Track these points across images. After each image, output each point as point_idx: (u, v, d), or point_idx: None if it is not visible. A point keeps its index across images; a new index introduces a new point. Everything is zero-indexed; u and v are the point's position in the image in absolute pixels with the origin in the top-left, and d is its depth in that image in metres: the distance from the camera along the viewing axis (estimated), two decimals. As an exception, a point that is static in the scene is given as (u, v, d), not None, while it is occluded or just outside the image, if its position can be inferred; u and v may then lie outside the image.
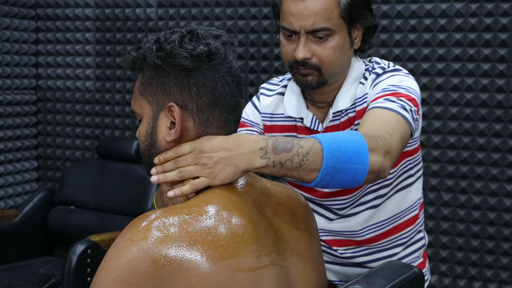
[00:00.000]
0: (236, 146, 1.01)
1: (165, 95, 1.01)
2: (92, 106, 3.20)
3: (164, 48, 0.99)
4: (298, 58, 1.32)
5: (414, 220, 1.51)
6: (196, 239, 0.89)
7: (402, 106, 1.26)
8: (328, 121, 1.40)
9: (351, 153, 1.06)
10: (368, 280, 1.00)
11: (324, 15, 1.29)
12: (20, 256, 2.90)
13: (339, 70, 1.37)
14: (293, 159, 1.02)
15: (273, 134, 1.50)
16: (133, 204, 2.81)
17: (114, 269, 0.86)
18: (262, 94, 1.54)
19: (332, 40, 1.31)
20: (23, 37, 3.18)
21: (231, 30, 2.83)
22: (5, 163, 3.12)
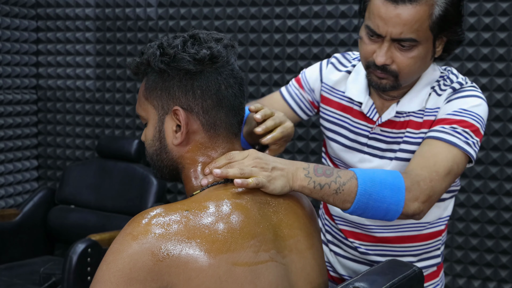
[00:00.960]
0: (285, 161, 1.09)
1: (170, 99, 1.03)
2: (92, 106, 3.20)
3: (168, 52, 1.01)
4: (378, 63, 1.28)
5: (437, 235, 1.48)
6: (195, 233, 0.91)
7: (465, 140, 1.28)
8: (388, 116, 1.38)
9: (385, 193, 1.15)
10: (367, 278, 1.00)
11: (414, 26, 1.24)
12: (20, 255, 2.90)
13: (415, 77, 1.35)
14: (330, 185, 1.11)
15: (329, 108, 1.50)
16: (133, 203, 2.81)
17: (115, 264, 0.88)
18: (331, 64, 1.52)
19: (415, 50, 1.27)
20: (24, 37, 3.17)
21: (231, 30, 2.83)
22: (6, 162, 3.12)
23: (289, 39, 2.73)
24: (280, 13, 2.73)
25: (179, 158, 1.06)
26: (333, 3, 2.65)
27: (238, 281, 0.91)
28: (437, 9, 1.25)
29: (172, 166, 1.07)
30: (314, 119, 2.72)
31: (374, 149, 1.42)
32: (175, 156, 1.06)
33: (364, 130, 1.43)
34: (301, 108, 1.56)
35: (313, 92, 1.54)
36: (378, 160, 1.42)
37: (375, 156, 1.42)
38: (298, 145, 2.77)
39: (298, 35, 2.71)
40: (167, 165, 1.07)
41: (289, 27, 2.72)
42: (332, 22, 2.65)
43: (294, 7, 2.71)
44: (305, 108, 1.56)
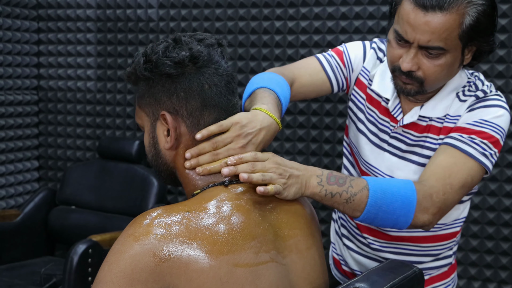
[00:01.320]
0: (302, 168, 1.10)
1: (157, 105, 1.05)
2: (93, 107, 3.20)
3: (150, 59, 1.03)
4: (404, 69, 1.26)
5: (452, 236, 1.48)
6: (196, 234, 0.91)
7: (482, 152, 1.27)
8: (411, 119, 1.36)
9: (396, 206, 1.17)
10: (368, 278, 1.01)
11: (443, 34, 1.21)
12: (21, 256, 2.89)
13: (441, 84, 1.33)
14: (342, 194, 1.13)
15: (362, 94, 1.47)
16: (134, 204, 2.81)
17: (117, 264, 0.89)
18: (373, 50, 1.49)
19: (443, 58, 1.24)
20: (25, 38, 3.18)
21: (231, 31, 2.83)
22: (7, 163, 3.12)
23: (290, 41, 2.73)
24: (281, 15, 2.74)
25: (172, 162, 1.07)
26: (334, 4, 2.65)
27: (239, 282, 0.91)
28: (468, 19, 1.21)
29: (168, 170, 1.09)
30: (314, 120, 2.73)
31: (394, 148, 1.41)
32: (169, 160, 1.07)
33: (387, 127, 1.42)
34: (337, 81, 1.50)
35: (352, 72, 1.50)
36: (396, 160, 1.41)
37: (394, 155, 1.41)
38: (299, 146, 2.77)
39: (299, 36, 2.72)
40: (164, 169, 1.09)
41: (290, 28, 2.72)
42: (333, 23, 2.66)
43: (294, 8, 2.71)
44: (341, 83, 1.51)
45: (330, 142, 2.72)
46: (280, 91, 1.29)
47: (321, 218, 2.76)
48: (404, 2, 1.25)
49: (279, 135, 2.78)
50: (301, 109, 2.74)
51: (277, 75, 1.37)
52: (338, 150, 2.71)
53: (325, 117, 2.71)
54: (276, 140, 2.80)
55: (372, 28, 2.59)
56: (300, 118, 2.75)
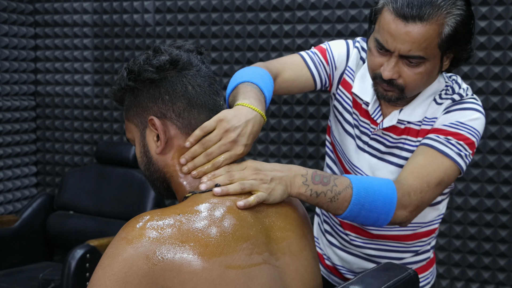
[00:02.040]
0: (284, 169, 1.10)
1: (144, 112, 1.07)
2: (90, 112, 3.20)
3: (133, 69, 1.06)
4: (385, 78, 1.29)
5: (431, 232, 1.52)
6: (188, 237, 0.92)
7: (458, 152, 1.30)
8: (390, 123, 1.40)
9: (377, 204, 1.19)
10: (363, 280, 1.00)
11: (423, 44, 1.24)
12: (19, 261, 2.89)
13: (421, 90, 1.36)
14: (326, 193, 1.14)
15: (347, 94, 1.48)
16: (131, 209, 2.81)
17: (110, 268, 0.89)
18: (357, 49, 1.50)
19: (422, 66, 1.27)
20: (22, 44, 3.18)
21: (228, 35, 2.84)
22: (4, 169, 3.12)
23: (286, 44, 2.73)
24: (277, 18, 2.74)
25: (165, 167, 1.07)
26: (330, 7, 2.66)
27: (231, 284, 0.91)
28: (447, 29, 1.24)
29: (161, 178, 1.09)
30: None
31: (373, 149, 1.44)
32: (161, 166, 1.08)
33: (367, 129, 1.45)
34: (321, 79, 1.52)
35: (335, 70, 1.52)
36: (376, 161, 1.44)
37: (373, 156, 1.44)
38: (296, 150, 2.77)
39: (295, 40, 2.72)
40: (157, 177, 1.09)
41: (286, 32, 2.73)
42: (329, 27, 2.66)
43: (290, 12, 2.72)
44: (324, 80, 1.52)
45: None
46: (263, 84, 1.29)
47: (319, 221, 2.77)
48: (385, 12, 1.26)
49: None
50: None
51: (260, 68, 1.38)
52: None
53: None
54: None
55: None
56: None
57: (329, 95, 2.67)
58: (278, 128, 2.79)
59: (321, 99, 2.71)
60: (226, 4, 2.82)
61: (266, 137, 2.81)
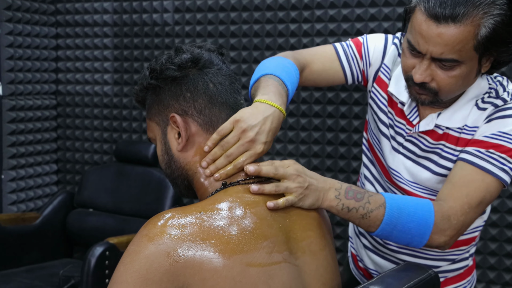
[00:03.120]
0: (321, 180, 1.10)
1: (166, 109, 1.07)
2: (110, 110, 3.22)
3: (155, 68, 1.07)
4: (416, 81, 1.21)
5: (471, 241, 1.45)
6: (209, 234, 0.92)
7: (501, 167, 1.21)
8: (426, 127, 1.32)
9: (411, 226, 1.16)
10: (382, 282, 0.99)
11: (456, 47, 1.15)
12: (40, 258, 2.92)
13: (457, 94, 1.27)
14: (358, 210, 1.12)
15: (382, 93, 1.41)
16: (150, 207, 2.82)
17: (132, 265, 0.89)
18: (395, 45, 1.41)
19: (457, 69, 1.18)
20: (44, 43, 3.21)
21: (246, 34, 2.83)
22: (26, 167, 3.15)
23: (305, 43, 2.72)
24: (295, 17, 2.73)
25: (187, 165, 1.07)
26: (349, 6, 2.64)
27: (252, 282, 0.91)
28: (483, 30, 1.14)
29: (183, 176, 1.09)
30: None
31: (408, 151, 1.37)
32: (183, 163, 1.08)
33: (402, 130, 1.37)
34: (352, 73, 1.45)
35: (370, 66, 1.44)
36: (411, 164, 1.37)
37: (408, 159, 1.37)
38: (314, 149, 2.76)
39: (314, 38, 2.71)
40: (179, 175, 1.09)
41: (305, 31, 2.72)
42: (348, 25, 2.64)
43: (309, 11, 2.70)
44: (356, 75, 1.46)
45: (346, 144, 2.70)
46: (286, 77, 1.24)
47: (337, 221, 2.75)
48: (417, 11, 1.19)
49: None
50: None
51: (286, 59, 1.33)
52: (353, 152, 2.69)
53: (340, 119, 2.70)
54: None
55: (388, 29, 2.57)
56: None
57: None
58: (297, 127, 2.78)
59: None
60: (245, 3, 2.82)
61: (284, 136, 2.80)
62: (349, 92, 2.68)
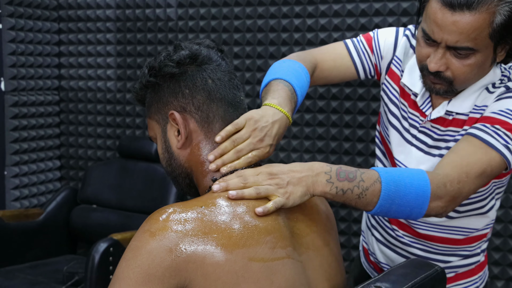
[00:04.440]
0: (305, 168, 1.04)
1: (165, 107, 1.08)
2: (113, 106, 3.23)
3: (154, 66, 1.08)
4: (431, 70, 1.23)
5: (482, 237, 1.45)
6: (211, 228, 0.93)
7: (505, 144, 1.20)
8: (438, 114, 1.33)
9: (409, 198, 1.11)
10: (389, 278, 1.00)
11: (471, 35, 1.16)
12: (44, 254, 2.94)
13: (472, 83, 1.28)
14: (353, 190, 1.07)
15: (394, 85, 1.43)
16: (154, 203, 2.83)
17: (134, 260, 0.90)
18: (406, 37, 1.43)
19: (473, 58, 1.20)
20: (46, 39, 3.22)
21: (250, 29, 2.83)
22: (29, 163, 3.17)
23: (309, 38, 2.72)
24: (300, 12, 2.73)
25: (186, 162, 1.08)
26: (353, 1, 2.64)
27: (254, 277, 0.92)
28: (498, 18, 1.15)
29: (183, 173, 1.09)
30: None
31: (421, 143, 1.38)
32: (182, 161, 1.08)
33: (416, 122, 1.39)
34: (364, 68, 1.48)
35: (381, 59, 1.47)
36: (422, 155, 1.38)
37: (420, 150, 1.39)
38: (318, 145, 2.76)
39: (318, 34, 2.70)
40: (179, 173, 1.10)
41: (309, 26, 2.71)
42: (352, 20, 2.64)
43: (313, 5, 2.70)
44: (368, 70, 1.48)
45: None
46: (296, 82, 1.25)
47: (342, 217, 2.75)
48: (432, 0, 1.20)
49: (299, 133, 2.78)
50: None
51: (296, 62, 1.34)
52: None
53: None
54: (297, 125, 2.79)
55: (393, 24, 2.56)
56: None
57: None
58: (301, 123, 2.78)
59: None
60: (249, -2, 2.82)
61: (301, 133, 2.80)
62: (353, 88, 2.68)
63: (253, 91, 2.86)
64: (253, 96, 2.86)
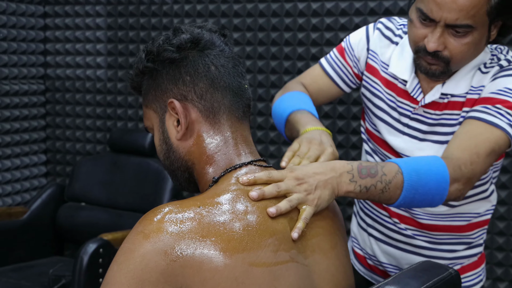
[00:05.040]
0: (328, 169, 1.09)
1: (164, 95, 1.07)
2: (103, 96, 3.23)
3: (152, 50, 1.06)
4: (430, 49, 1.30)
5: (485, 223, 1.54)
6: (209, 231, 0.92)
7: (508, 122, 1.30)
8: (432, 98, 1.40)
9: (431, 185, 1.19)
10: (400, 281, 1.00)
11: (471, 12, 1.24)
12: (28, 256, 2.94)
13: (467, 63, 1.37)
14: (376, 185, 1.14)
15: (374, 79, 1.52)
16: (147, 200, 2.83)
17: (126, 264, 0.89)
18: (378, 30, 1.53)
19: (470, 36, 1.28)
20: (30, 23, 3.22)
21: (251, 14, 2.83)
22: (13, 157, 3.17)
23: (314, 24, 2.72)
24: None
25: (187, 155, 1.07)
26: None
27: (256, 283, 0.91)
28: None
29: (183, 167, 1.09)
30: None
31: (415, 130, 1.45)
32: (182, 153, 1.07)
33: (406, 110, 1.46)
34: (343, 80, 1.59)
35: (358, 62, 1.56)
36: (417, 142, 1.45)
37: (415, 138, 1.45)
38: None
39: (324, 18, 2.70)
40: (178, 166, 1.09)
41: (314, 10, 2.71)
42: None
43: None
44: (349, 80, 1.59)
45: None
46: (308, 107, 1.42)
47: (349, 215, 2.76)
48: None
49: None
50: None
51: (298, 92, 1.51)
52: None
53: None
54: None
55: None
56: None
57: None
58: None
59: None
60: (250, -20, 2.82)
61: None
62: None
63: (254, 80, 2.86)
64: (254, 86, 2.86)
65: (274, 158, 2.84)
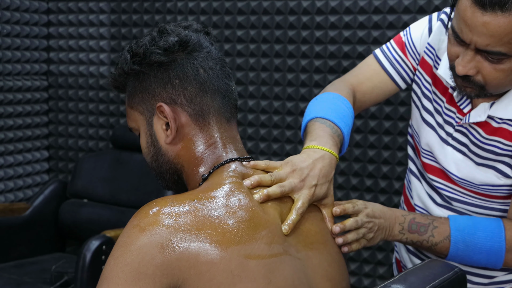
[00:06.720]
0: (387, 213, 1.22)
1: (152, 98, 1.06)
2: (106, 93, 3.23)
3: (137, 52, 1.05)
4: (459, 73, 1.17)
5: None
6: (205, 224, 0.93)
7: None
8: (477, 118, 1.25)
9: (480, 257, 1.25)
10: (405, 279, 1.00)
11: (504, 38, 1.08)
12: (30, 252, 2.95)
13: (508, 88, 1.22)
14: (422, 243, 1.24)
15: (426, 77, 1.37)
16: (149, 197, 2.83)
17: (123, 258, 0.89)
18: (441, 21, 1.36)
19: (507, 63, 1.12)
20: (34, 19, 3.22)
21: (255, 11, 2.83)
22: (15, 153, 3.17)
23: (318, 21, 2.72)
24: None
25: (176, 158, 1.08)
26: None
27: (251, 276, 0.92)
28: None
29: (171, 170, 1.09)
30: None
31: (459, 143, 1.32)
32: (171, 156, 1.08)
33: (452, 118, 1.33)
34: (402, 77, 1.43)
35: (417, 57, 1.41)
36: (462, 157, 1.32)
37: (459, 151, 1.32)
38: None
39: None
40: (166, 169, 1.10)
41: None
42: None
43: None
44: (407, 75, 1.43)
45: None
46: (334, 114, 1.24)
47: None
48: None
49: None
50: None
51: (330, 94, 1.34)
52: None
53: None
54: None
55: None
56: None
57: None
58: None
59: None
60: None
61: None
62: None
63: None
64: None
65: (264, 155, 2.85)
